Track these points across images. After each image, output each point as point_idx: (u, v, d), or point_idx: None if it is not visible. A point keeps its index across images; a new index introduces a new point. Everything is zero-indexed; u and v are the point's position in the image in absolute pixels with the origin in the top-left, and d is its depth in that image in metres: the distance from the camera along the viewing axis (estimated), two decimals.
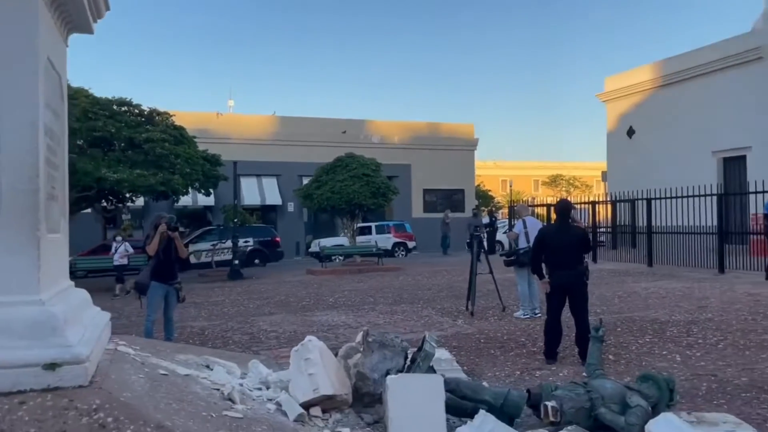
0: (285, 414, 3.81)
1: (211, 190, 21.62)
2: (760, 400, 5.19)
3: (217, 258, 21.11)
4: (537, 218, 13.04)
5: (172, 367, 3.98)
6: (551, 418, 4.40)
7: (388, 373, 4.52)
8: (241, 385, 4.11)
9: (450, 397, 4.46)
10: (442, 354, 6.03)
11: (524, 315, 9.50)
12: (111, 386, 3.14)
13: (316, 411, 4.01)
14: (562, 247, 6.71)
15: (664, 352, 6.99)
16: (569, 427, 4.09)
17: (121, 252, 16.14)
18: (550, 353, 6.68)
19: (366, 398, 4.47)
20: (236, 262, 18.15)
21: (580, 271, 6.77)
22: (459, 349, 7.48)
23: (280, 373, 4.60)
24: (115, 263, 16.09)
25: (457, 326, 9.02)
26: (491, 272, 10.25)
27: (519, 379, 6.08)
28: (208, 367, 4.44)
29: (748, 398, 5.24)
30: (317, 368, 4.02)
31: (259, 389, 4.21)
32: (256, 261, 23.16)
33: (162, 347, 4.86)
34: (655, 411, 4.67)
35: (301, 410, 3.81)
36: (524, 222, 9.74)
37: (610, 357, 6.81)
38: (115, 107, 18.34)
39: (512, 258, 9.66)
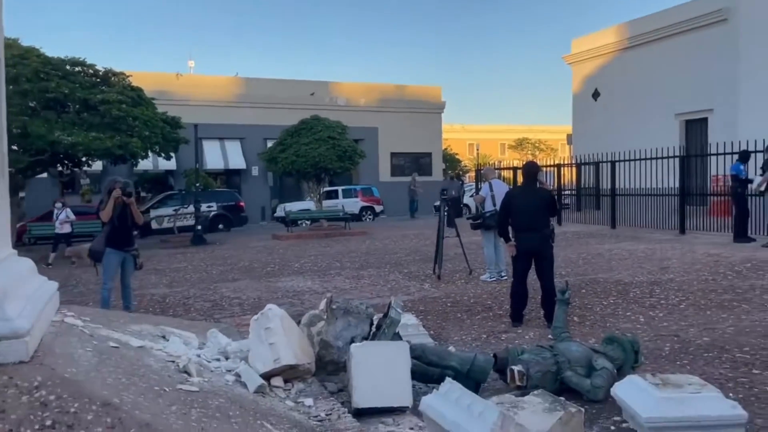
0: (244, 385, 3.68)
1: (172, 154, 21.06)
2: (721, 359, 5.24)
3: (179, 223, 20.70)
4: (503, 181, 12.99)
5: (125, 339, 3.79)
6: (518, 383, 4.36)
7: (352, 340, 4.41)
8: (199, 356, 3.95)
9: (416, 364, 4.38)
10: (408, 319, 5.94)
11: (490, 278, 9.49)
12: (54, 362, 2.94)
13: (277, 381, 3.88)
14: (529, 210, 6.63)
15: (627, 313, 7.04)
16: (536, 392, 4.03)
17: (62, 219, 14.96)
18: (516, 316, 6.66)
19: (330, 366, 4.36)
20: (199, 227, 17.80)
21: (547, 234, 6.71)
22: (426, 313, 7.42)
23: (240, 342, 4.45)
24: (57, 231, 14.96)
25: (423, 290, 8.97)
26: (458, 236, 10.18)
27: (485, 342, 6.05)
28: (164, 338, 4.26)
29: (710, 358, 5.29)
30: (278, 337, 3.87)
31: (218, 360, 4.05)
32: (220, 226, 22.80)
33: (115, 318, 4.65)
34: (620, 373, 4.68)
35: (262, 381, 3.68)
36: (491, 185, 9.65)
37: (575, 319, 6.82)
38: (68, 67, 17.57)
39: (478, 221, 9.59)
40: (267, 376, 3.84)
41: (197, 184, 18.46)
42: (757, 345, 5.61)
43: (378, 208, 27.34)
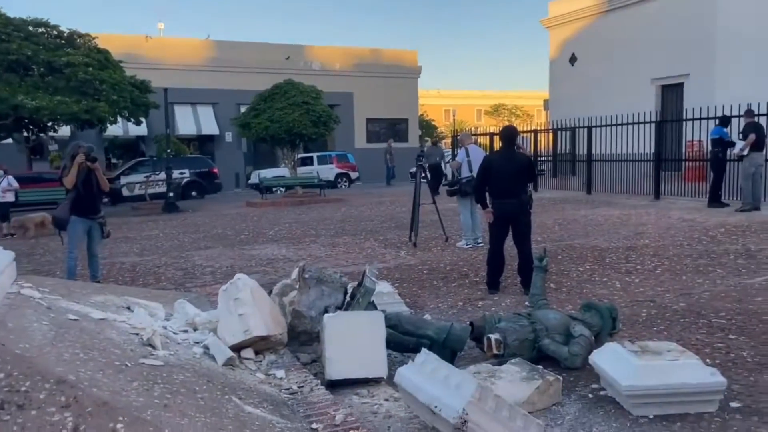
0: (213, 358, 3.52)
1: (142, 119, 20.52)
2: (698, 325, 5.22)
3: (151, 190, 20.27)
4: (480, 147, 12.85)
5: (85, 311, 3.60)
6: (495, 351, 4.28)
7: (326, 310, 4.28)
8: (165, 328, 3.77)
9: (391, 333, 4.27)
10: (383, 287, 5.83)
11: (467, 245, 9.41)
12: (5, 337, 2.75)
13: (248, 353, 3.73)
14: (508, 175, 6.50)
15: (604, 279, 7.02)
16: (513, 360, 3.96)
17: (3, 186, 13.68)
18: (493, 283, 6.58)
19: (303, 337, 4.23)
20: (171, 194, 17.43)
21: (525, 200, 6.60)
22: (401, 281, 7.31)
23: (210, 313, 4.29)
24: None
25: (399, 258, 8.86)
26: (434, 202, 10.06)
27: (461, 310, 5.97)
28: (129, 309, 4.08)
29: (686, 324, 5.27)
30: (248, 308, 3.72)
31: (186, 332, 3.89)
32: (193, 193, 22.41)
33: (78, 288, 4.45)
34: (597, 339, 4.63)
35: (231, 353, 3.53)
36: (467, 150, 9.50)
37: (552, 285, 6.77)
38: (30, 28, 16.90)
39: (455, 188, 9.46)
40: (237, 348, 3.69)
41: (168, 150, 18.01)
42: (733, 310, 5.61)
43: (353, 175, 27.11)
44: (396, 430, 3.15)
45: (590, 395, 3.87)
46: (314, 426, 2.85)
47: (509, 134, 6.87)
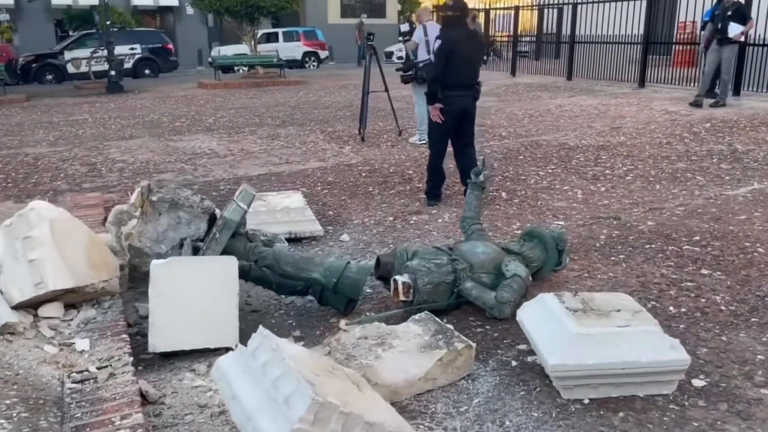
0: None
1: None
2: (665, 254, 4.30)
3: (96, 68, 18.56)
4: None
5: None
6: (402, 297, 3.35)
7: (182, 243, 3.26)
8: None
9: (267, 274, 3.31)
10: (294, 201, 4.81)
11: (420, 140, 8.30)
12: None
13: (52, 310, 2.76)
14: (470, 61, 5.28)
15: (565, 187, 6.03)
16: (417, 317, 3.03)
17: None
18: (434, 193, 5.56)
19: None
20: (113, 73, 15.81)
21: (478, 92, 5.45)
22: (332, 186, 6.28)
23: None
24: None
25: (341, 155, 7.76)
26: (386, 90, 8.82)
27: (388, 228, 4.99)
28: None
29: (651, 252, 4.35)
30: (44, 250, 2.71)
31: None
32: (147, 71, 20.72)
33: None
34: (537, 274, 3.72)
35: (10, 317, 2.55)
36: (425, 28, 8.11)
37: (503, 195, 5.79)
38: None
39: (410, 73, 8.17)
40: (35, 305, 2.72)
41: (108, 23, 16.11)
42: (709, 232, 4.69)
43: (322, 54, 25.24)
44: None
45: (513, 362, 2.98)
46: None
47: (464, 6, 5.54)
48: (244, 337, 3.20)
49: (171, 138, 9.20)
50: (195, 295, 2.68)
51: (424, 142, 8.27)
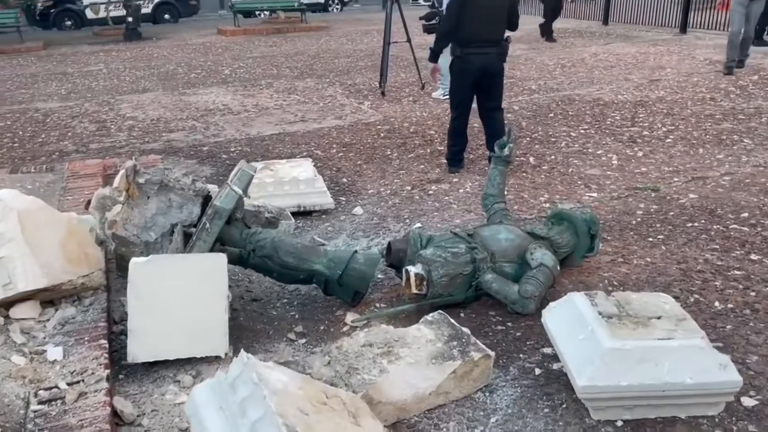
0: None
1: None
2: (709, 234, 3.89)
3: (115, 13, 18.09)
4: None
5: None
6: (415, 290, 3.03)
7: (172, 230, 2.97)
8: None
9: (265, 263, 3.01)
10: (303, 171, 4.47)
11: (444, 95, 7.80)
12: None
13: (25, 310, 2.50)
14: (492, 13, 4.73)
15: (599, 152, 5.57)
16: (432, 315, 2.71)
17: None
18: (456, 159, 5.16)
19: None
20: (130, 19, 15.36)
21: (505, 49, 4.94)
22: (348, 149, 5.91)
23: None
24: None
25: (360, 112, 7.35)
26: (409, 41, 8.29)
27: (406, 198, 4.64)
28: None
29: (693, 232, 3.94)
30: (12, 247, 2.43)
31: None
32: (166, 16, 20.18)
33: None
34: (566, 261, 3.37)
35: None
36: None
37: (531, 161, 5.37)
38: None
39: (433, 22, 7.63)
40: (6, 305, 2.46)
41: None
42: (758, 208, 4.25)
43: None
44: None
45: (537, 369, 2.67)
46: None
47: None
48: (243, 331, 2.97)
49: (185, 92, 8.85)
50: (179, 297, 2.40)
51: (447, 97, 7.81)
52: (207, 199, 3.05)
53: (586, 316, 2.48)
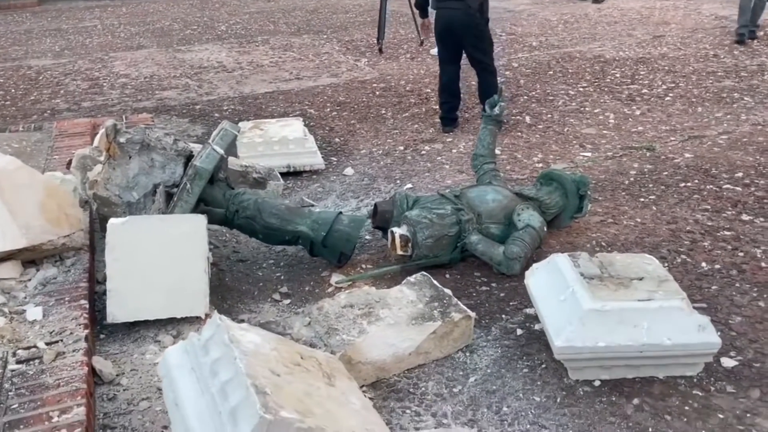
0: None
1: None
2: (701, 195, 3.85)
3: None
4: None
5: None
6: (400, 251, 3.03)
7: (155, 190, 2.95)
8: None
9: (248, 224, 3.00)
10: (293, 130, 4.42)
11: None
12: None
13: (6, 270, 2.50)
14: None
15: (596, 110, 5.49)
16: (414, 277, 2.71)
17: None
18: (449, 118, 5.10)
19: None
20: None
21: (473, 6, 4.73)
22: (342, 107, 5.84)
23: None
24: None
25: (356, 70, 7.23)
26: None
27: (398, 158, 4.60)
28: None
29: (686, 192, 3.90)
30: None
31: None
32: None
33: None
34: (554, 222, 3.35)
35: None
36: None
37: (526, 119, 5.29)
38: None
39: None
40: None
41: None
42: (754, 167, 4.20)
43: None
44: None
45: (519, 330, 2.67)
46: None
47: None
48: (228, 291, 2.98)
49: (179, 48, 8.71)
50: (158, 257, 2.39)
51: None
52: (189, 159, 3.02)
53: (567, 277, 2.47)
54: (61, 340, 2.19)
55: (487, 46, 4.90)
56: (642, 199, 3.83)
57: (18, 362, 2.08)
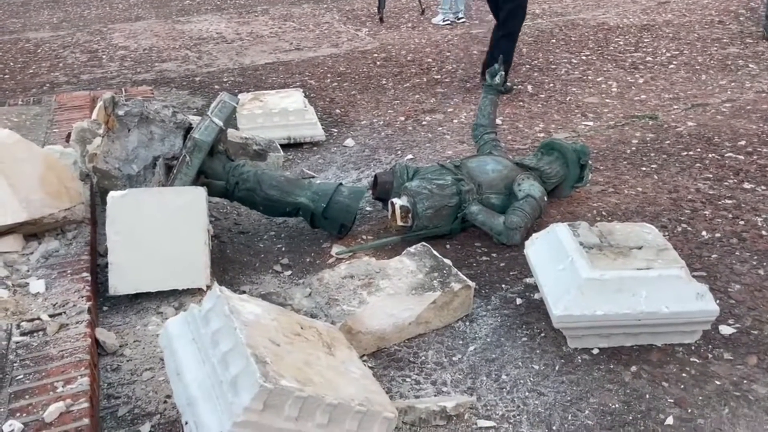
0: None
1: None
2: (703, 163, 3.84)
3: None
4: None
5: None
6: (400, 222, 3.03)
7: (155, 163, 2.95)
8: None
9: (249, 196, 3.00)
10: (293, 102, 4.39)
11: (444, 21, 7.60)
12: None
13: (9, 244, 2.51)
14: None
15: (599, 79, 5.44)
16: (414, 248, 2.72)
17: None
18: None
19: None
20: None
21: None
22: (343, 78, 5.79)
23: None
24: None
25: (356, 40, 7.16)
26: None
27: (399, 129, 4.57)
28: None
29: (688, 161, 3.89)
30: None
31: None
32: None
33: None
34: (554, 192, 3.35)
35: None
36: None
37: (529, 89, 5.25)
38: None
39: None
40: None
41: None
42: (757, 135, 4.17)
43: None
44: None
45: (519, 299, 2.69)
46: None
47: None
48: (230, 263, 3.00)
49: (178, 20, 8.62)
50: (158, 230, 2.40)
51: (448, 23, 7.60)
52: (189, 131, 3.01)
53: (566, 246, 2.47)
54: (64, 312, 2.22)
55: (519, 11, 4.88)
56: (644, 168, 3.81)
57: (22, 334, 2.10)
